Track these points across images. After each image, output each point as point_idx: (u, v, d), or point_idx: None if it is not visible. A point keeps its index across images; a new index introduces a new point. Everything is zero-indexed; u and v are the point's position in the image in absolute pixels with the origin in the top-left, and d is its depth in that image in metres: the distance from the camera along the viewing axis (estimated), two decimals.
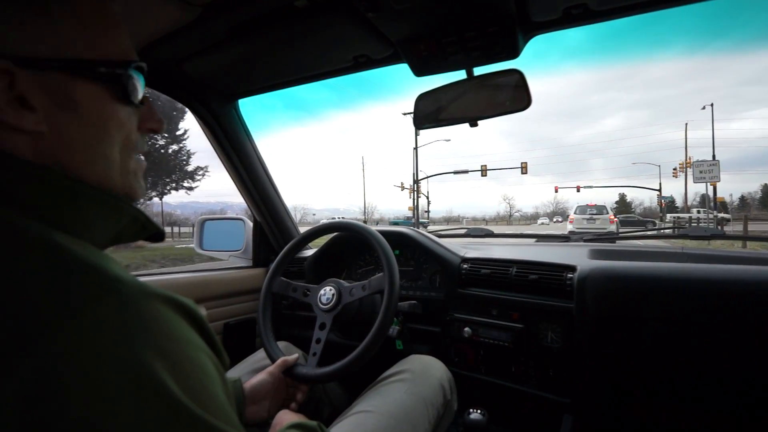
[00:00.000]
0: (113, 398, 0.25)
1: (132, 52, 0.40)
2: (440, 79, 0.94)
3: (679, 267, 0.89)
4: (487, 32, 0.77)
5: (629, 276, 0.90)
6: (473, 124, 0.93)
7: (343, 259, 1.37)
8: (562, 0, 0.71)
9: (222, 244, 1.52)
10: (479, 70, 0.89)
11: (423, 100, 0.96)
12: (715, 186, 16.45)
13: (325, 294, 0.95)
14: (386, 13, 0.72)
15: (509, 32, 0.77)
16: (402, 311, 1.07)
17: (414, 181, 23.05)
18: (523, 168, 20.34)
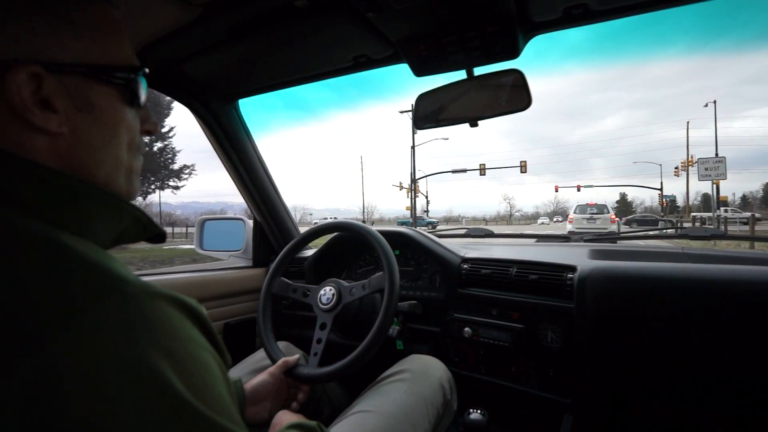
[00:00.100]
0: (115, 397, 0.25)
1: (135, 58, 0.42)
2: (440, 79, 0.94)
3: (680, 267, 0.89)
4: (487, 32, 0.77)
5: (629, 276, 0.90)
6: (473, 124, 0.93)
7: (343, 259, 1.37)
8: (562, 0, 0.71)
9: (222, 244, 1.52)
10: (479, 70, 0.89)
11: (423, 100, 0.96)
12: (718, 184, 16.00)
13: (325, 294, 0.95)
14: (386, 13, 0.72)
15: (509, 32, 0.77)
16: (402, 311, 1.07)
17: (411, 181, 23.01)
18: (523, 167, 20.03)
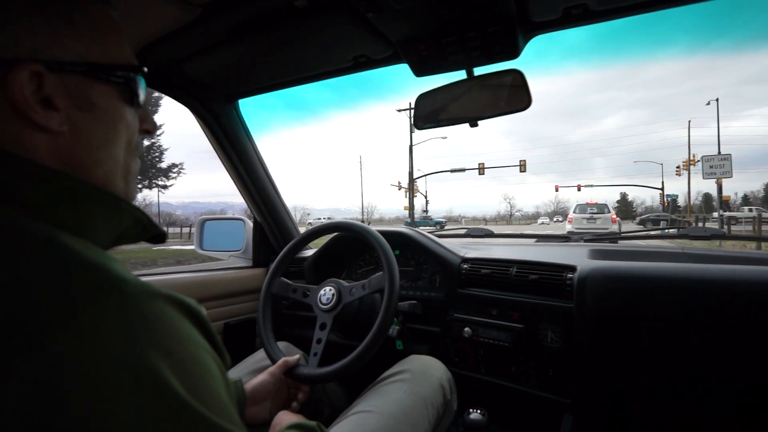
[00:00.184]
0: (114, 398, 0.25)
1: (134, 58, 0.42)
2: (440, 79, 0.94)
3: (679, 267, 0.89)
4: (487, 32, 0.77)
5: (629, 276, 0.90)
6: (473, 125, 0.93)
7: (343, 259, 1.37)
8: (562, 0, 0.71)
9: (222, 244, 1.52)
10: (479, 70, 0.89)
11: (423, 101, 0.96)
12: (721, 183, 15.69)
13: (325, 294, 0.95)
14: (386, 13, 0.72)
15: (509, 32, 0.77)
16: (402, 311, 1.07)
17: (409, 180, 22.94)
18: (522, 166, 19.93)
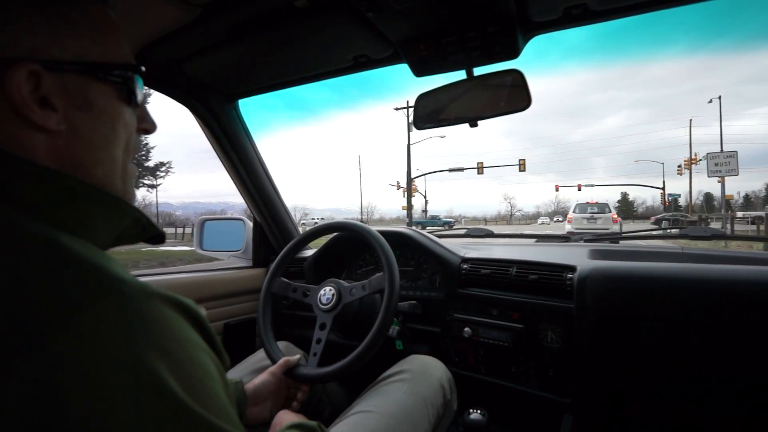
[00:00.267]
0: (114, 398, 0.25)
1: (132, 57, 0.42)
2: (440, 79, 0.94)
3: (679, 267, 0.89)
4: (487, 32, 0.77)
5: (629, 276, 0.90)
6: (473, 125, 0.93)
7: (343, 259, 1.37)
8: (562, 0, 0.71)
9: (222, 244, 1.52)
10: (479, 70, 0.89)
11: (423, 101, 0.96)
12: (724, 182, 15.31)
13: (325, 294, 0.95)
14: (386, 13, 0.72)
15: (509, 32, 0.77)
16: (402, 311, 1.07)
17: (408, 179, 22.87)
18: (521, 165, 19.80)
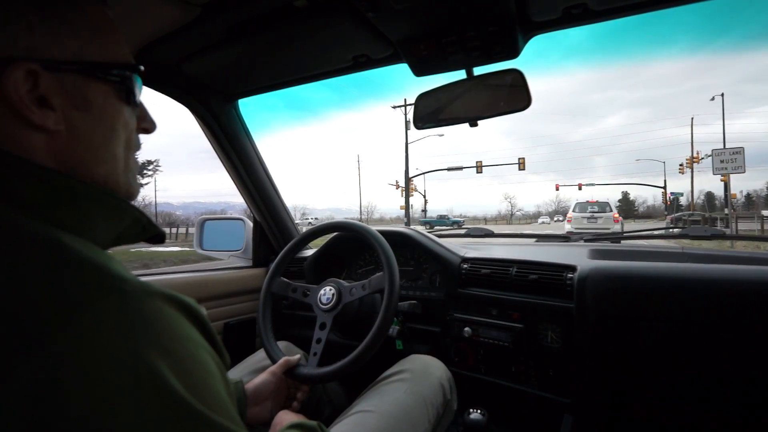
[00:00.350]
0: (114, 397, 0.25)
1: (131, 57, 0.42)
2: (440, 79, 0.94)
3: (680, 267, 0.89)
4: (487, 32, 0.77)
5: (629, 276, 0.90)
6: (473, 124, 0.93)
7: (343, 259, 1.37)
8: (562, 0, 0.71)
9: (222, 244, 1.52)
10: (479, 70, 0.89)
11: (423, 100, 0.96)
12: (726, 181, 15.06)
13: (325, 294, 0.95)
14: (386, 13, 0.72)
15: (509, 32, 0.77)
16: (402, 311, 1.07)
17: (405, 178, 22.80)
18: (521, 164, 19.56)
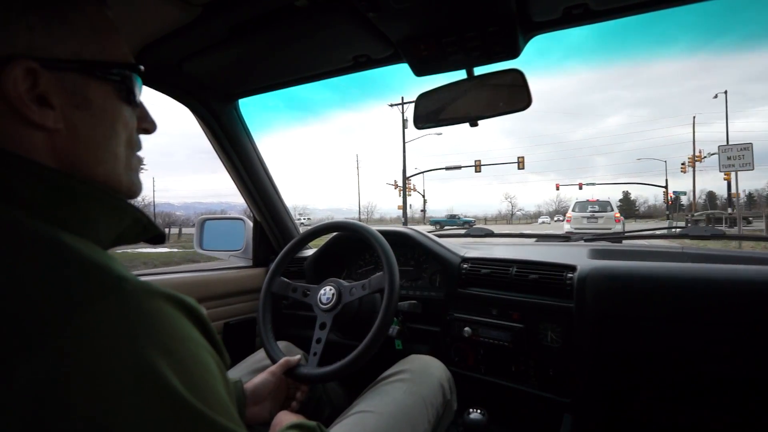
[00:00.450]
0: (116, 396, 0.25)
1: (131, 56, 0.42)
2: (440, 79, 0.94)
3: (680, 267, 0.89)
4: (488, 32, 0.77)
5: (629, 276, 0.90)
6: (473, 124, 0.93)
7: (343, 259, 1.38)
8: (562, 0, 0.71)
9: (222, 244, 1.52)
10: (479, 70, 0.89)
11: (423, 100, 0.96)
12: (729, 180, 14.76)
13: (325, 294, 0.95)
14: (386, 13, 0.72)
15: (509, 32, 0.77)
16: (402, 311, 1.07)
17: (403, 177, 22.74)
18: (520, 163, 19.48)
